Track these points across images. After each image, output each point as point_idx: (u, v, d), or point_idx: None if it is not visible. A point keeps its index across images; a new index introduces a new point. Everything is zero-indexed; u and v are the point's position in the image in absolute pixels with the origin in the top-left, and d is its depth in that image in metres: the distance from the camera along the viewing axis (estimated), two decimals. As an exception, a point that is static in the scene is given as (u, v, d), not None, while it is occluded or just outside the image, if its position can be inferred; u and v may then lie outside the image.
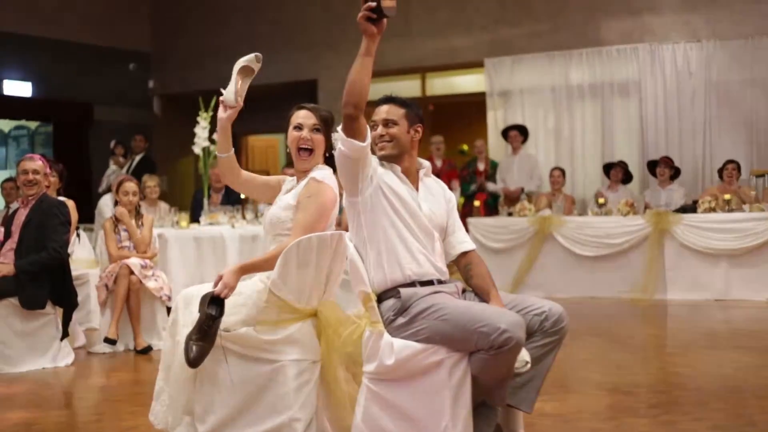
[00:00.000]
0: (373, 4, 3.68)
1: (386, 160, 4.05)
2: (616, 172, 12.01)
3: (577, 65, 13.19)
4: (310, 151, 4.40)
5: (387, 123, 4.07)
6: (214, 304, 4.04)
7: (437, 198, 4.12)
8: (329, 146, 4.44)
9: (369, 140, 3.80)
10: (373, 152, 4.02)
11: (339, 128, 3.87)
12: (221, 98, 4.42)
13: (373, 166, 3.92)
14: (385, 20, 3.75)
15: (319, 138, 4.42)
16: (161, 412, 4.45)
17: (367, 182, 3.88)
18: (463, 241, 4.13)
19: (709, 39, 12.39)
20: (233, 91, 4.41)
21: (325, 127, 4.46)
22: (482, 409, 3.76)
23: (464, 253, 4.11)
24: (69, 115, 16.34)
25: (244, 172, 4.57)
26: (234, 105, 4.41)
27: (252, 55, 4.49)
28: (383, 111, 4.11)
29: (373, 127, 4.07)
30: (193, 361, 4.05)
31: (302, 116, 4.44)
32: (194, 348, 4.04)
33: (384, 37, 3.75)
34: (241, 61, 4.50)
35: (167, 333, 4.40)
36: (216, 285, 4.08)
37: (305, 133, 4.38)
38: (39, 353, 6.99)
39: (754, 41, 12.17)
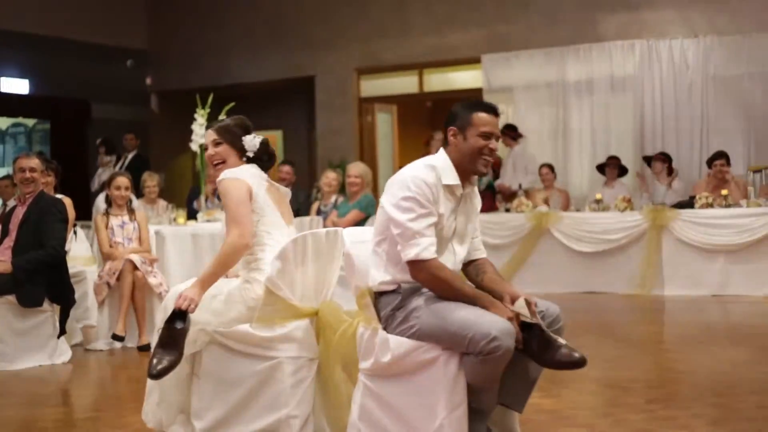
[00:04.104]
0: None
1: (476, 174, 3.93)
2: (611, 170, 12.02)
3: (574, 61, 13.16)
4: (219, 163, 4.59)
5: (497, 140, 3.95)
6: (178, 318, 4.08)
7: (470, 209, 4.01)
8: (241, 149, 4.59)
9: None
10: (471, 160, 3.87)
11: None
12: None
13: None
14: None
15: (222, 148, 4.59)
16: (151, 412, 4.47)
17: None
18: (478, 249, 4.08)
19: (707, 34, 12.38)
20: None
21: (226, 135, 4.61)
22: (474, 411, 3.74)
23: (476, 258, 4.08)
24: (66, 113, 16.32)
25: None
26: None
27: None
28: (498, 125, 3.95)
29: (486, 137, 3.87)
30: (156, 375, 4.07)
31: (206, 136, 4.68)
32: (154, 361, 4.07)
33: (382, 33, 3.73)
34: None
35: (156, 332, 4.38)
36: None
37: (210, 150, 4.60)
38: (36, 351, 6.97)
39: (751, 36, 12.15)
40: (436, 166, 3.85)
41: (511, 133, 12.80)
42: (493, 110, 3.93)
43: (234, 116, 4.77)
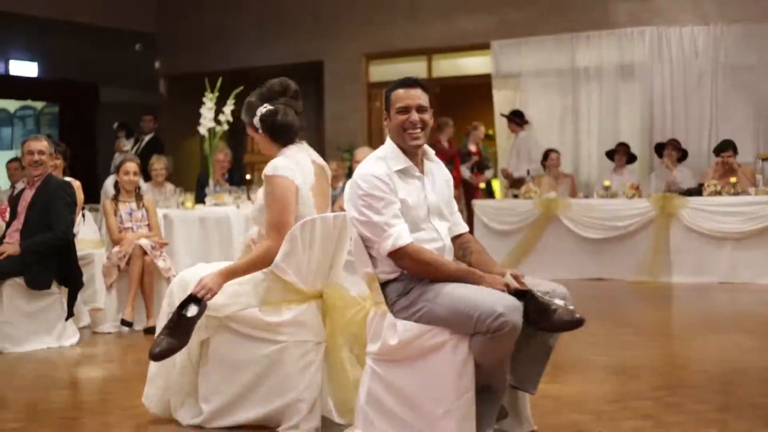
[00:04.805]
0: None
1: (414, 149, 3.93)
2: (620, 156, 11.98)
3: (583, 48, 13.11)
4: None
5: (421, 109, 3.89)
6: (192, 303, 4.08)
7: (439, 183, 4.05)
8: (261, 126, 4.46)
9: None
10: (400, 138, 3.89)
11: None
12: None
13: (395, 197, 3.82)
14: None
15: (258, 139, 4.53)
16: (156, 396, 4.47)
17: None
18: (459, 223, 4.11)
19: (717, 22, 12.32)
20: None
21: (248, 120, 4.53)
22: (487, 392, 3.75)
23: (459, 234, 4.09)
24: (75, 96, 16.34)
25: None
26: None
27: None
28: (417, 96, 3.89)
29: (403, 112, 3.87)
30: (156, 356, 4.10)
31: None
32: (162, 343, 4.08)
33: (391, 18, 3.69)
34: None
35: (166, 315, 4.35)
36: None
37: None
38: (44, 333, 6.99)
39: (762, 25, 12.09)
40: (383, 157, 3.90)
41: (517, 119, 12.79)
42: (407, 84, 3.93)
43: (249, 95, 4.68)
